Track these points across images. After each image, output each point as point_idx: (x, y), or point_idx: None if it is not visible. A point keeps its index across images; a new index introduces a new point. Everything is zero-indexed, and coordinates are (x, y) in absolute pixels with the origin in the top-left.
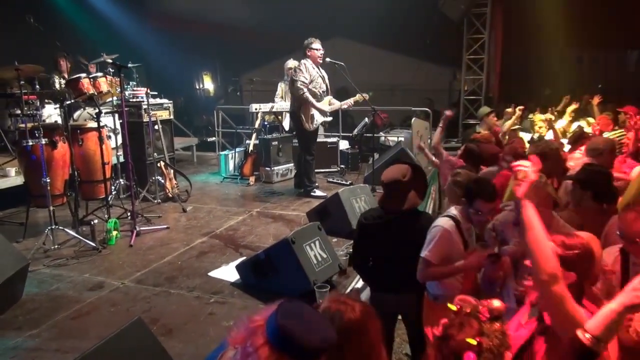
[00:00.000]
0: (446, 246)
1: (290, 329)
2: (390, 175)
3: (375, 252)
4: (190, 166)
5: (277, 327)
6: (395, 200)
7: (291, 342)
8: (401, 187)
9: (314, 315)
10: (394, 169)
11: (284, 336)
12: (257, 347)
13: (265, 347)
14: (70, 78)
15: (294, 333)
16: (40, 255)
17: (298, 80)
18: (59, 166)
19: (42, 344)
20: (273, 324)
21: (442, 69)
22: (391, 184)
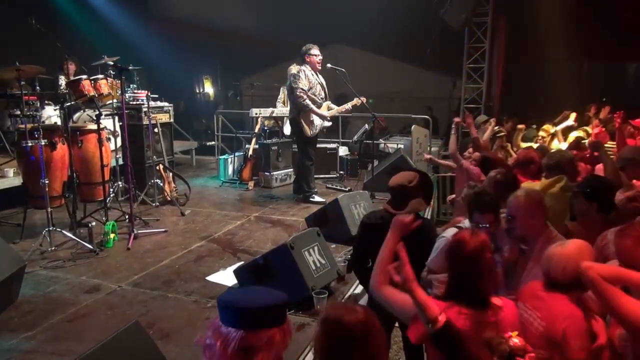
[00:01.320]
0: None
1: (228, 299)
2: (396, 180)
3: (374, 254)
4: (190, 170)
5: (218, 302)
6: (399, 205)
7: (233, 310)
8: (406, 192)
9: (260, 289)
10: (401, 175)
11: (225, 307)
12: (212, 333)
13: (217, 331)
14: (72, 79)
15: (232, 300)
16: (37, 256)
17: (297, 87)
18: (57, 167)
19: (38, 346)
20: (218, 305)
21: (443, 77)
22: (396, 188)
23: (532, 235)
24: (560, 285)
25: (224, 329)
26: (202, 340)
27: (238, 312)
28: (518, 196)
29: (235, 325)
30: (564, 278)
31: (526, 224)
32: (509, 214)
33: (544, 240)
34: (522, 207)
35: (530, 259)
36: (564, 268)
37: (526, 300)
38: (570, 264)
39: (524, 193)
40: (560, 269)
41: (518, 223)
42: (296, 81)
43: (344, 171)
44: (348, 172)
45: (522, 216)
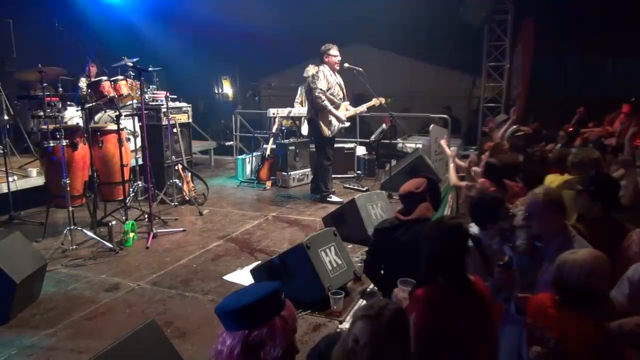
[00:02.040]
0: None
1: (222, 307)
2: (405, 188)
3: (386, 259)
4: (208, 170)
5: (216, 312)
6: (408, 210)
7: (228, 315)
8: (414, 198)
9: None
10: (410, 182)
11: (221, 314)
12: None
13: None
14: (92, 81)
15: (225, 306)
16: (58, 255)
17: (316, 88)
18: (79, 167)
19: (58, 343)
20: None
21: (462, 75)
22: (405, 195)
23: (549, 234)
24: (573, 296)
25: (228, 335)
26: (214, 351)
27: (232, 316)
28: (537, 194)
29: (236, 328)
30: (577, 288)
31: (543, 222)
32: (526, 210)
33: (561, 239)
34: (540, 205)
35: (546, 258)
36: (578, 276)
37: (536, 317)
38: (583, 273)
39: (543, 191)
40: (573, 279)
41: (535, 221)
42: (315, 82)
43: (362, 171)
44: (366, 172)
45: (540, 214)
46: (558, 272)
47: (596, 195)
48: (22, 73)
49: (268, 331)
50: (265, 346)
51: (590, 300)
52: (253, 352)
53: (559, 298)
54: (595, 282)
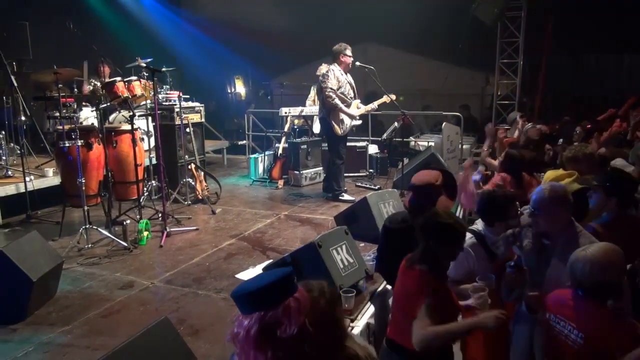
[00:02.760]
0: (463, 264)
1: (238, 290)
2: (422, 179)
3: (400, 257)
4: (221, 169)
5: (232, 296)
6: (426, 204)
7: (244, 297)
8: (433, 191)
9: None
10: (425, 173)
11: (238, 297)
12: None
13: (240, 322)
14: (107, 81)
15: (241, 289)
16: (74, 253)
17: (327, 87)
18: (94, 167)
19: (74, 340)
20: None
21: (475, 73)
22: (423, 187)
23: (556, 231)
24: (590, 291)
25: (244, 317)
26: (231, 334)
27: (249, 297)
28: (542, 190)
29: (252, 309)
30: (591, 283)
31: (550, 219)
32: (532, 207)
33: (568, 236)
34: (546, 202)
35: (553, 256)
36: (589, 273)
37: (557, 311)
38: (594, 269)
39: (549, 187)
40: (586, 275)
41: (541, 218)
42: (325, 81)
43: (374, 169)
44: (378, 170)
45: (546, 211)
46: (571, 270)
47: (612, 190)
48: (38, 74)
49: (283, 311)
50: (281, 325)
51: (607, 293)
52: (270, 331)
53: (577, 293)
54: (609, 276)
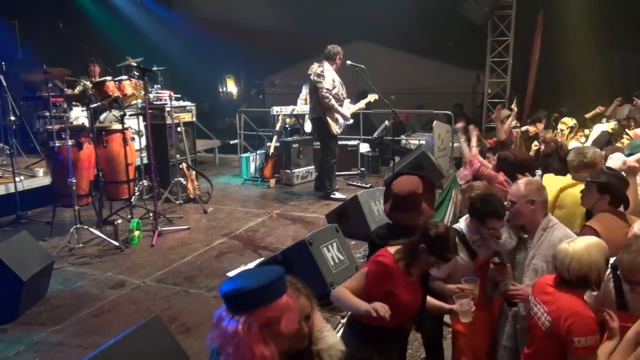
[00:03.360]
0: (447, 265)
1: (234, 288)
2: (404, 187)
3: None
4: (213, 168)
5: (225, 296)
6: (409, 214)
7: (229, 294)
8: (416, 200)
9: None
10: (406, 181)
11: (234, 296)
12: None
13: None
14: (97, 81)
15: (239, 288)
16: (65, 253)
17: (322, 87)
18: (84, 167)
19: (65, 340)
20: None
21: (466, 72)
22: (408, 196)
23: (532, 224)
24: (567, 282)
25: (237, 317)
26: (217, 338)
27: (250, 294)
28: (518, 184)
29: (250, 307)
30: (569, 276)
31: (525, 211)
32: (509, 199)
33: (543, 228)
34: (522, 194)
35: (531, 248)
36: (569, 266)
37: (536, 294)
38: (574, 263)
39: (525, 181)
40: (565, 266)
41: (517, 208)
42: (321, 81)
43: (365, 168)
44: (369, 169)
45: (521, 202)
46: (554, 260)
47: (605, 188)
48: (28, 74)
49: (283, 305)
50: (281, 319)
51: (586, 284)
52: (271, 327)
53: (558, 278)
54: (588, 271)
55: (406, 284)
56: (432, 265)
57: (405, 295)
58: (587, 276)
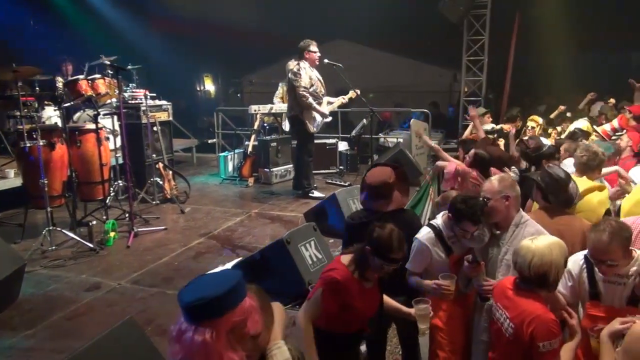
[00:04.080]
0: (423, 260)
1: (184, 295)
2: (377, 178)
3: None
4: (190, 167)
5: (186, 307)
6: (382, 202)
7: (194, 304)
8: (388, 189)
9: (201, 279)
10: (378, 171)
11: (187, 305)
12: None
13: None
14: (69, 80)
15: (188, 295)
16: (37, 256)
17: (300, 86)
18: (57, 167)
19: (38, 344)
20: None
21: (443, 70)
22: (379, 186)
23: (506, 220)
24: (527, 280)
25: (202, 326)
26: (180, 353)
27: (217, 301)
28: (492, 180)
29: (217, 315)
30: (529, 274)
31: (500, 207)
32: (483, 196)
33: (515, 224)
34: (496, 190)
35: (504, 244)
36: (530, 263)
37: (498, 298)
38: (535, 260)
39: (498, 177)
40: (526, 264)
41: (492, 204)
42: (297, 79)
43: (344, 166)
44: (348, 167)
45: (496, 199)
46: (515, 256)
47: (539, 184)
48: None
49: (248, 307)
50: (247, 321)
51: (542, 284)
52: (239, 330)
53: (518, 281)
54: (547, 269)
55: (362, 292)
56: (382, 269)
57: (361, 303)
58: (547, 274)
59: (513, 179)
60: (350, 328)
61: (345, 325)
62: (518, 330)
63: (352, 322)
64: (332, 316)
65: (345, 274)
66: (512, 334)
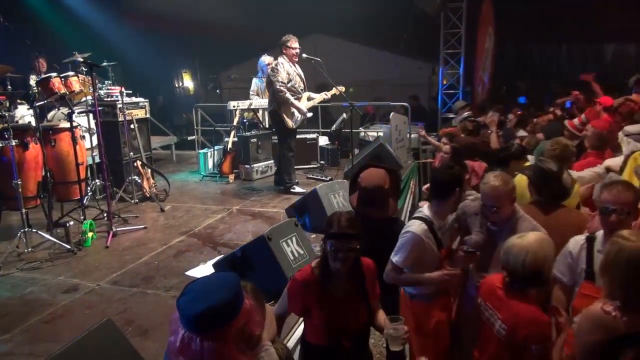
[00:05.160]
0: (417, 252)
1: (189, 306)
2: (373, 182)
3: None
4: (170, 165)
5: (194, 320)
6: (377, 208)
7: (203, 314)
8: (384, 194)
9: (212, 283)
10: (373, 175)
11: (196, 316)
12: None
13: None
14: (41, 78)
15: (179, 306)
16: (13, 258)
17: (277, 81)
18: (31, 168)
19: (15, 349)
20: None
21: (422, 63)
22: (375, 190)
23: (504, 218)
24: (520, 279)
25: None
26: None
27: (225, 308)
28: (497, 187)
29: (226, 321)
30: (522, 272)
31: (508, 211)
32: (493, 205)
33: (513, 221)
34: (505, 196)
35: (500, 240)
36: (524, 260)
37: (486, 298)
38: (529, 258)
39: (502, 182)
40: (519, 263)
41: (494, 210)
42: (275, 75)
43: (325, 161)
44: (329, 161)
45: (498, 203)
46: (505, 255)
47: (531, 179)
48: None
49: (249, 308)
50: (250, 322)
51: (535, 282)
52: (243, 332)
53: (508, 279)
54: (541, 265)
55: (328, 298)
56: (336, 255)
57: (326, 309)
58: (541, 271)
59: (506, 175)
60: (323, 339)
61: (318, 336)
62: (511, 333)
63: (321, 332)
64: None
65: (306, 275)
66: (504, 335)
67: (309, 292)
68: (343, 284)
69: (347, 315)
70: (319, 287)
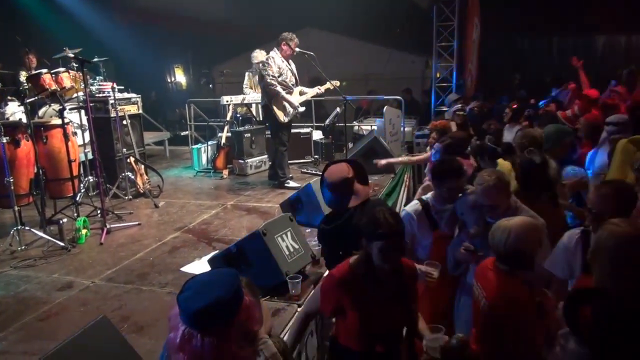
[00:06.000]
0: (406, 228)
1: (189, 303)
2: (336, 175)
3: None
4: (163, 161)
5: (195, 316)
6: (348, 197)
7: (204, 310)
8: (349, 184)
9: (212, 280)
10: (336, 168)
11: (196, 313)
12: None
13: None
14: (31, 74)
15: (180, 303)
16: (6, 256)
17: (267, 74)
18: (22, 165)
19: (9, 347)
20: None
21: (415, 57)
22: (342, 183)
23: (501, 212)
24: (503, 260)
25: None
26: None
27: (228, 304)
28: (493, 186)
29: (229, 317)
30: (505, 251)
31: (498, 206)
32: (492, 204)
33: (510, 213)
34: (502, 194)
35: None
36: (505, 242)
37: (478, 278)
38: (511, 238)
39: (496, 180)
40: (502, 243)
41: (491, 206)
42: (266, 68)
43: (319, 155)
44: (323, 156)
45: (495, 200)
46: (491, 235)
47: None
48: None
49: (249, 304)
50: (250, 317)
51: (518, 262)
52: (243, 327)
53: (497, 262)
54: (522, 246)
55: (366, 298)
56: (384, 256)
57: (363, 310)
58: (522, 252)
59: (504, 173)
60: (357, 343)
61: (351, 339)
62: (491, 309)
63: (355, 335)
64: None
65: (344, 272)
66: (486, 311)
67: (346, 291)
68: (383, 285)
69: (384, 318)
70: (357, 286)
